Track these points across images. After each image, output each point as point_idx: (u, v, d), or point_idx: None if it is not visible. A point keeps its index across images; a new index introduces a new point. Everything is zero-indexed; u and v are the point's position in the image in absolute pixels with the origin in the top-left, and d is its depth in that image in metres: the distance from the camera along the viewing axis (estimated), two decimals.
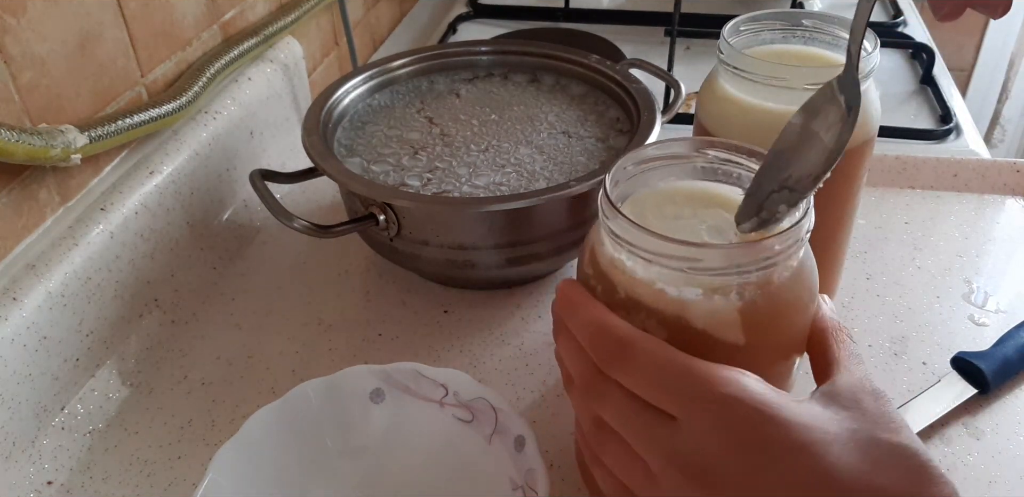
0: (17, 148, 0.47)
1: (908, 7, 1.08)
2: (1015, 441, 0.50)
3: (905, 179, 0.72)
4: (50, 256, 0.52)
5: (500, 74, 0.70)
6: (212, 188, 0.65)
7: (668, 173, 0.40)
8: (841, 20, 0.50)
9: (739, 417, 0.31)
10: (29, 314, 0.49)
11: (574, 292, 0.37)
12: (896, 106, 0.86)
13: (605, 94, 0.66)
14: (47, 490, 0.49)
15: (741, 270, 0.34)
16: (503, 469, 0.45)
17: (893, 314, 0.60)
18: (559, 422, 0.52)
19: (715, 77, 0.51)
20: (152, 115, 0.59)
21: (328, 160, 0.57)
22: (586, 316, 0.36)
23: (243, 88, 0.70)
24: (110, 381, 0.55)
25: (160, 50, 0.62)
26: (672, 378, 0.33)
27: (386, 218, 0.56)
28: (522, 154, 0.60)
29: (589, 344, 0.35)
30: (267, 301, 0.63)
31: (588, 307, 0.36)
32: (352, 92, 0.65)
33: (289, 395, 0.47)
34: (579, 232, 0.58)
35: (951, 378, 0.53)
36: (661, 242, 0.33)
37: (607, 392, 0.34)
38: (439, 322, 0.60)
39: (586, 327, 0.35)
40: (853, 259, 0.64)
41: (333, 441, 0.48)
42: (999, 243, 0.66)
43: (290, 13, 0.76)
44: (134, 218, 0.57)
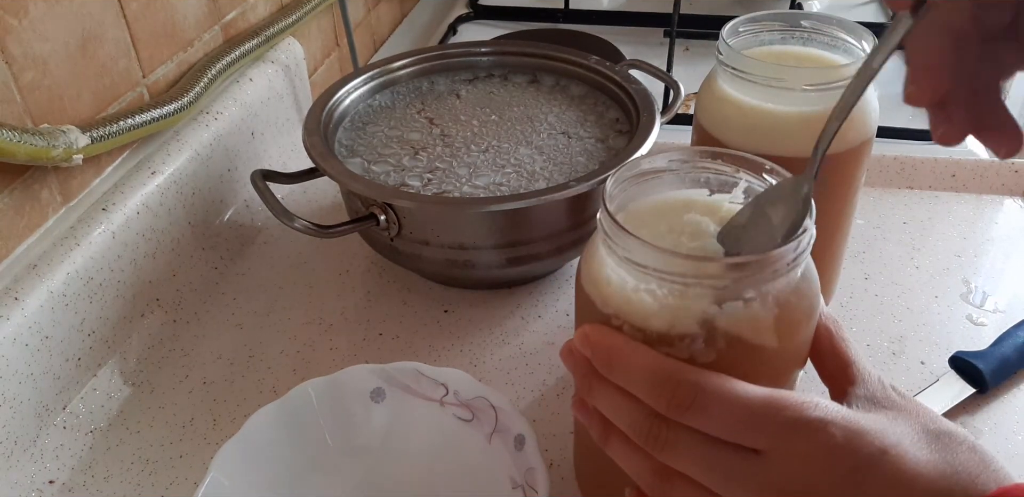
0: (19, 148, 0.47)
1: None
2: (1013, 440, 0.50)
3: (903, 179, 0.72)
4: (52, 256, 0.52)
5: (500, 75, 0.70)
6: (213, 188, 0.66)
7: (661, 185, 0.40)
8: (840, 21, 0.50)
9: (831, 438, 0.31)
10: (31, 314, 0.49)
11: (613, 339, 0.34)
12: (895, 106, 0.86)
13: (605, 95, 0.66)
14: (49, 489, 0.49)
15: (750, 282, 0.34)
16: (503, 468, 0.45)
17: (892, 314, 0.60)
18: (559, 421, 0.52)
19: (714, 78, 0.51)
20: (154, 116, 0.59)
21: (329, 160, 0.57)
22: (639, 363, 0.33)
23: (244, 89, 0.70)
24: (112, 380, 0.55)
25: (161, 51, 0.63)
26: (756, 412, 0.32)
27: (387, 218, 0.56)
28: (522, 154, 0.60)
29: (649, 392, 0.33)
30: (268, 301, 0.63)
31: (637, 354, 0.33)
32: (353, 93, 0.66)
33: (290, 394, 0.47)
34: (579, 232, 0.58)
35: (949, 377, 0.53)
36: (687, 262, 0.33)
37: (676, 439, 0.33)
38: (439, 322, 0.61)
39: (642, 375, 0.33)
40: (852, 259, 0.64)
41: (334, 440, 0.48)
42: (997, 243, 0.66)
43: (291, 14, 0.76)
44: (136, 218, 0.57)
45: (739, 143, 0.49)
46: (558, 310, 0.61)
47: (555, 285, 0.64)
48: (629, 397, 0.34)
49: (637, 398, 0.34)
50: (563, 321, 0.60)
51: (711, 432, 0.32)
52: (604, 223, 0.35)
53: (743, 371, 0.36)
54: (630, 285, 0.35)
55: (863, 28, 0.49)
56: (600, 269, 0.37)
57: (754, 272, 0.34)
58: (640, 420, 0.34)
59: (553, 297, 0.62)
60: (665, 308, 0.35)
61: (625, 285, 0.35)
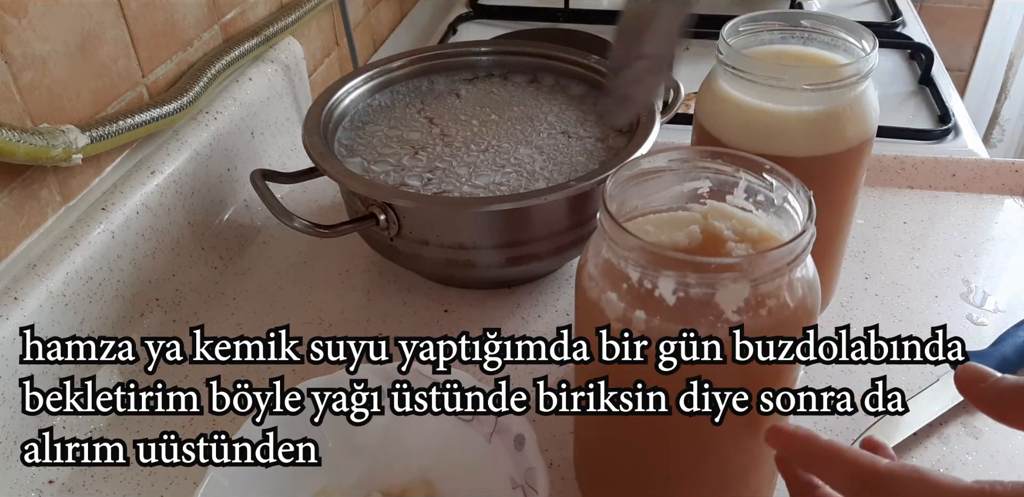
0: (18, 148, 0.47)
1: (907, 7, 1.08)
2: (1013, 440, 0.50)
3: (904, 179, 0.72)
4: (51, 256, 0.52)
5: (500, 74, 0.70)
6: (213, 188, 0.66)
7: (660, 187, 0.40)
8: (840, 21, 0.50)
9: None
10: (30, 313, 0.49)
11: (803, 442, 0.35)
12: (895, 106, 0.86)
13: (605, 94, 0.66)
14: (48, 489, 0.49)
15: (751, 282, 0.34)
16: (503, 468, 0.45)
17: (892, 314, 0.60)
18: (559, 421, 0.52)
19: (714, 77, 0.51)
20: (153, 115, 0.59)
21: (329, 160, 0.57)
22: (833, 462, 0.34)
23: (244, 88, 0.70)
24: (112, 380, 0.55)
25: (161, 50, 0.63)
26: None
27: (386, 218, 0.56)
28: (522, 154, 0.60)
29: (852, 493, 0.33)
30: (268, 300, 0.63)
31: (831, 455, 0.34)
32: (352, 92, 0.66)
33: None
34: (579, 232, 0.58)
35: (949, 377, 0.53)
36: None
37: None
38: (439, 321, 0.61)
39: (840, 476, 0.33)
40: (852, 259, 0.64)
41: (334, 440, 0.48)
42: (997, 243, 0.66)
43: (291, 13, 0.76)
44: (135, 218, 0.57)
45: (739, 143, 0.49)
46: (558, 310, 0.61)
47: (555, 285, 0.64)
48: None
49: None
50: (563, 321, 0.60)
51: None
52: (604, 223, 0.35)
53: (747, 371, 0.36)
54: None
55: (863, 28, 0.49)
56: (600, 269, 0.37)
57: (754, 272, 0.34)
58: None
59: (553, 297, 0.62)
60: (665, 309, 0.35)
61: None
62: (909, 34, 1.00)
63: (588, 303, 0.37)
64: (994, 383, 0.33)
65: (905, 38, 0.98)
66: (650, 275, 0.35)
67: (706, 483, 0.42)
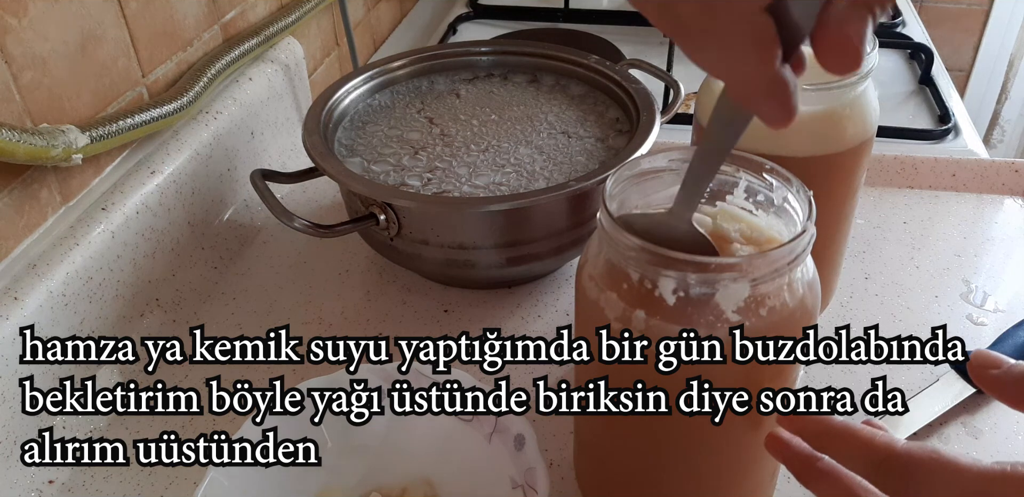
0: (18, 148, 0.47)
1: (906, 7, 1.08)
2: (1013, 440, 0.50)
3: (904, 179, 0.72)
4: (51, 256, 0.52)
5: (500, 74, 0.70)
6: (213, 188, 0.66)
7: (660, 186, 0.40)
8: None
9: None
10: (30, 313, 0.49)
11: (819, 424, 0.35)
12: (895, 106, 0.86)
13: (604, 94, 0.66)
14: (48, 489, 0.49)
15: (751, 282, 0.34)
16: (503, 468, 0.45)
17: (892, 313, 0.60)
18: (559, 421, 0.52)
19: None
20: (153, 115, 0.59)
21: (329, 160, 0.57)
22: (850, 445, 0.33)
23: (244, 88, 0.70)
24: (112, 380, 0.55)
25: (161, 50, 0.63)
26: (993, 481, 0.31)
27: (386, 218, 0.56)
28: (522, 154, 0.60)
29: (875, 480, 0.33)
30: (268, 300, 0.63)
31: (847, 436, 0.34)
32: (353, 92, 0.66)
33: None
34: (579, 232, 0.58)
35: (949, 377, 0.53)
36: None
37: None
38: (439, 321, 0.61)
39: (858, 459, 0.33)
40: (852, 259, 0.64)
41: (334, 440, 0.48)
42: (997, 243, 0.66)
43: (291, 13, 0.76)
44: (135, 218, 0.57)
45: (739, 143, 0.49)
46: (558, 310, 0.61)
47: (555, 285, 0.64)
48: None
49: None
50: (563, 321, 0.60)
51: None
52: (604, 223, 0.35)
53: (747, 371, 0.36)
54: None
55: None
56: (600, 269, 0.37)
57: (754, 271, 0.34)
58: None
59: (553, 297, 0.62)
60: (665, 309, 0.35)
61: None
62: (909, 34, 1.00)
63: (588, 303, 0.37)
64: (1008, 370, 0.33)
65: (905, 38, 0.98)
66: (650, 275, 0.35)
67: (706, 483, 0.42)
